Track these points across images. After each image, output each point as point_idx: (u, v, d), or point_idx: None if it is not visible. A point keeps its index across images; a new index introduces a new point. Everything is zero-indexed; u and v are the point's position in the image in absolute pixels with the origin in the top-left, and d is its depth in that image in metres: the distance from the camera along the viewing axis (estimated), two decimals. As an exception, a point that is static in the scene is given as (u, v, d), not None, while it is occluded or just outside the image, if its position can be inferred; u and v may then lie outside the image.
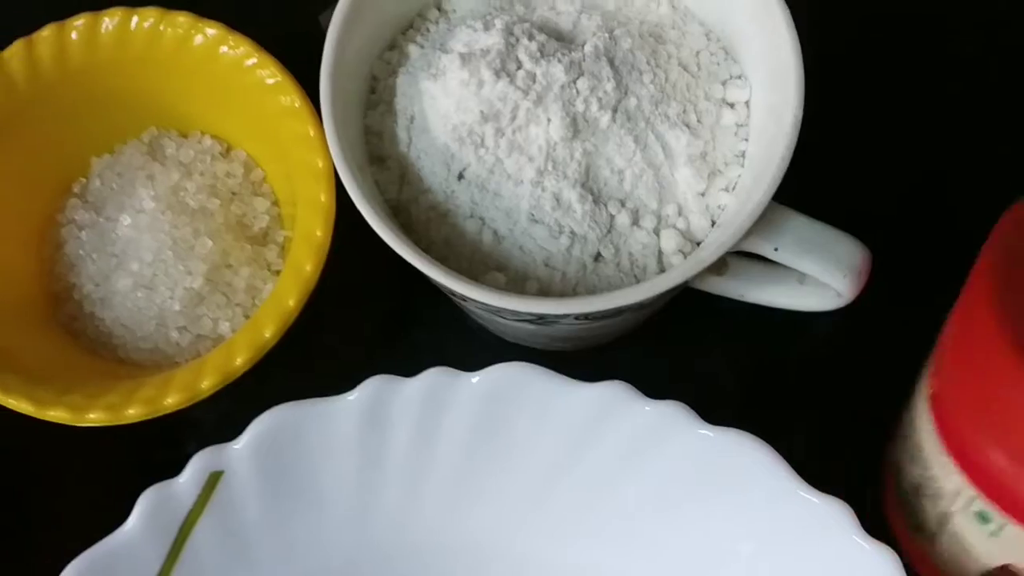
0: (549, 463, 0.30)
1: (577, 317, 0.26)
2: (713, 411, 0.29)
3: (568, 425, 0.29)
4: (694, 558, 0.30)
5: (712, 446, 0.28)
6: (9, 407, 0.31)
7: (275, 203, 0.37)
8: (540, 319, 0.26)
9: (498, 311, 0.26)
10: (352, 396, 0.29)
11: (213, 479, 0.28)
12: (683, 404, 0.28)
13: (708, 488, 0.29)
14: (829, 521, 0.28)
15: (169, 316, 0.35)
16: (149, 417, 0.31)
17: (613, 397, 0.28)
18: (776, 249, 0.27)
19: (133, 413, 0.31)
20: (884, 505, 0.31)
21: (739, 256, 0.32)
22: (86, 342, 0.35)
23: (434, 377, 0.29)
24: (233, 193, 0.37)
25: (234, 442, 0.29)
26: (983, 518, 0.25)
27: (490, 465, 0.30)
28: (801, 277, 0.30)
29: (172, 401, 0.31)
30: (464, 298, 0.26)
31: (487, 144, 0.27)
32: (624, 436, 0.29)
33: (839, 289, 0.27)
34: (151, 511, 0.28)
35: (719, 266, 0.32)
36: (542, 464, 0.30)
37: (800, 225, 0.27)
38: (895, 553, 0.27)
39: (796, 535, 0.28)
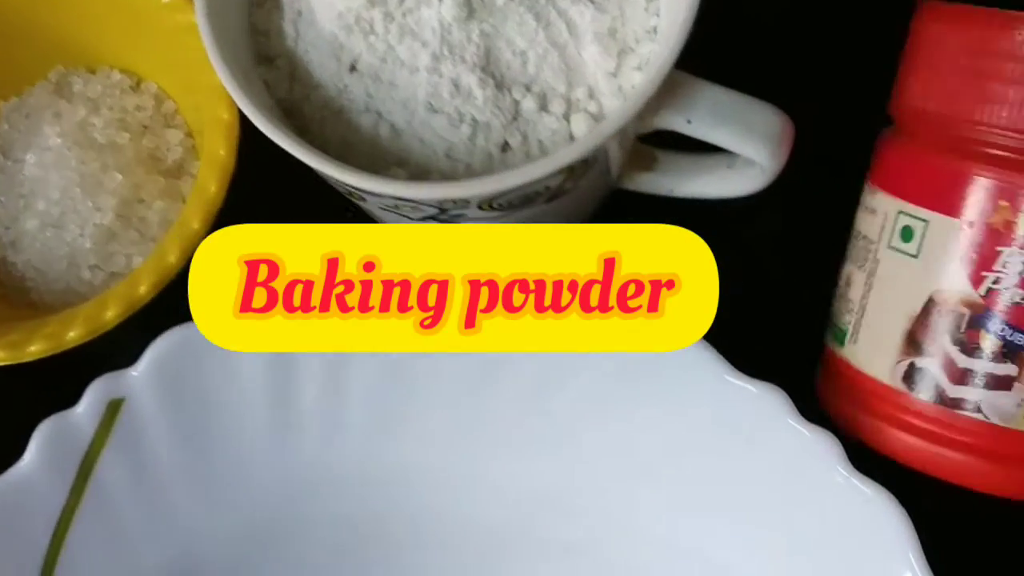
0: (468, 379, 0.28)
1: (481, 205, 0.24)
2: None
3: None
4: (630, 460, 0.29)
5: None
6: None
7: (188, 134, 0.35)
8: (443, 211, 0.25)
9: (396, 207, 0.25)
10: None
11: (113, 407, 0.27)
12: None
13: (643, 383, 0.28)
14: (766, 408, 0.27)
15: (80, 254, 0.33)
16: (52, 352, 0.29)
17: None
18: (689, 121, 0.25)
19: (35, 350, 0.29)
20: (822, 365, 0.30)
21: (668, 151, 0.30)
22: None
23: None
24: (144, 126, 0.35)
25: (132, 368, 0.27)
26: (906, 235, 0.26)
27: (412, 377, 0.29)
28: (731, 161, 0.28)
29: (75, 335, 0.29)
30: (362, 195, 0.25)
31: (376, 30, 0.25)
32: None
33: (760, 160, 0.26)
34: (48, 443, 0.27)
35: (648, 161, 0.31)
36: (464, 382, 0.28)
37: (713, 95, 0.25)
38: (834, 436, 0.26)
39: (735, 425, 0.27)
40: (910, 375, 0.26)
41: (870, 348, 0.27)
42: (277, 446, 0.29)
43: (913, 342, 0.26)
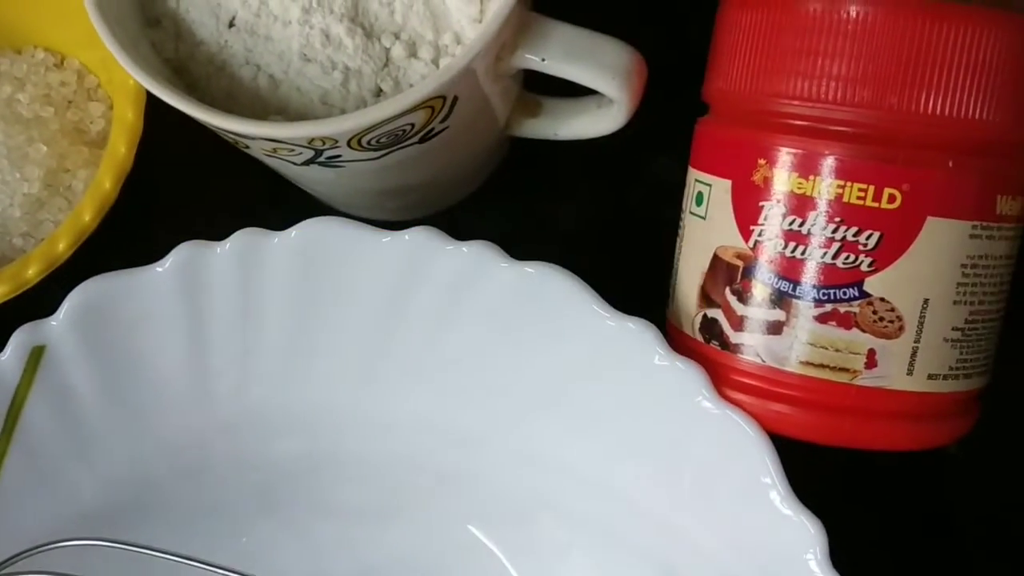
0: (374, 315, 0.30)
1: (352, 144, 0.26)
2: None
3: (384, 273, 0.29)
4: (522, 400, 0.30)
5: (520, 280, 0.29)
6: None
7: (110, 107, 0.37)
8: (318, 153, 0.27)
9: (275, 150, 0.27)
10: (163, 263, 0.29)
11: (36, 354, 0.29)
12: (490, 242, 0.29)
13: (524, 324, 0.29)
14: (635, 343, 0.28)
15: (11, 223, 0.35)
16: None
17: (423, 241, 0.29)
18: (544, 60, 0.27)
19: None
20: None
21: (551, 98, 0.32)
22: (-65, 263, 0.36)
23: (243, 237, 0.29)
24: (68, 101, 0.37)
25: (51, 317, 0.29)
26: (699, 200, 0.29)
27: (317, 322, 0.31)
28: (599, 101, 0.30)
29: (0, 292, 0.31)
30: (246, 141, 0.27)
31: (249, -14, 0.27)
32: (439, 279, 0.29)
33: (613, 94, 0.27)
34: None
35: (533, 108, 0.32)
36: (368, 317, 0.30)
37: (565, 33, 0.27)
38: (700, 366, 0.28)
39: (609, 361, 0.29)
40: (705, 325, 0.29)
41: (680, 307, 0.30)
42: (194, 382, 0.31)
43: (705, 296, 0.29)
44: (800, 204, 0.27)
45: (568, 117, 0.31)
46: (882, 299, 0.27)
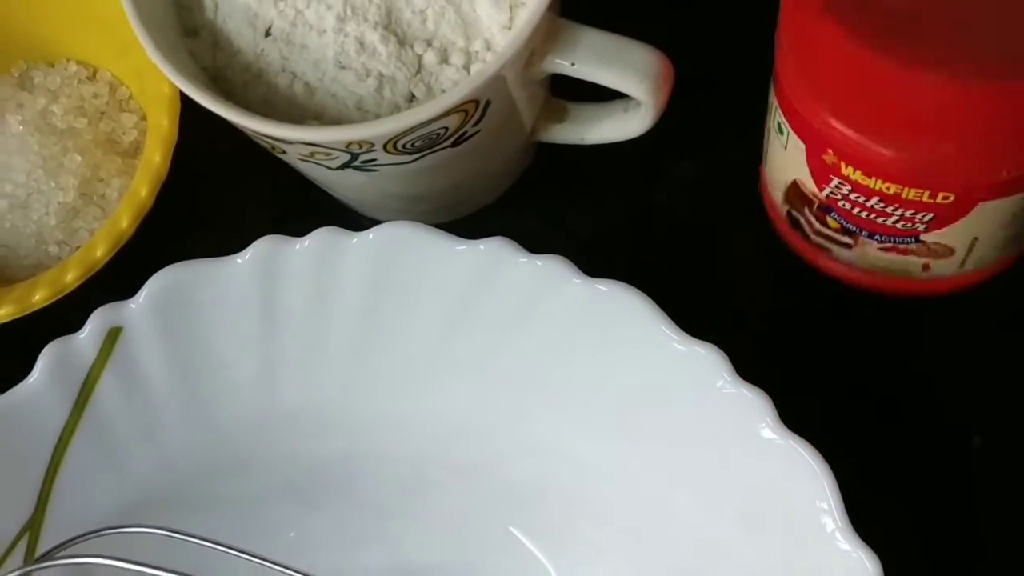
0: (442, 322, 0.30)
1: (388, 148, 0.27)
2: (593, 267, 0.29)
3: (454, 281, 0.29)
4: (585, 413, 0.30)
5: (591, 297, 0.29)
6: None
7: (143, 118, 0.38)
8: (354, 157, 0.27)
9: (312, 154, 0.27)
10: (244, 255, 0.29)
11: (113, 334, 0.29)
12: (562, 257, 0.29)
13: (590, 340, 0.29)
14: (703, 368, 0.28)
15: (47, 231, 0.36)
16: (20, 315, 0.32)
17: (496, 251, 0.29)
18: (573, 64, 0.28)
19: (4, 312, 0.32)
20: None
21: (578, 103, 0.33)
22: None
23: (323, 236, 0.29)
24: (101, 112, 0.38)
25: (131, 300, 0.30)
26: (779, 129, 0.30)
27: (386, 324, 0.31)
28: (625, 105, 0.31)
29: (40, 297, 0.32)
30: (283, 146, 0.28)
31: (285, -2, 0.28)
32: (508, 291, 0.29)
33: (641, 96, 0.28)
34: (53, 364, 0.29)
35: (560, 113, 0.33)
36: (433, 322, 0.30)
37: (593, 38, 0.28)
38: (766, 395, 0.28)
39: (674, 383, 0.29)
40: (791, 217, 0.32)
41: (772, 183, 0.33)
42: (262, 375, 0.31)
43: (789, 200, 0.32)
44: (864, 189, 0.28)
45: (595, 121, 0.32)
46: (936, 242, 0.30)
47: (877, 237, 0.30)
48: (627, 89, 0.28)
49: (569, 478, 0.31)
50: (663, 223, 0.36)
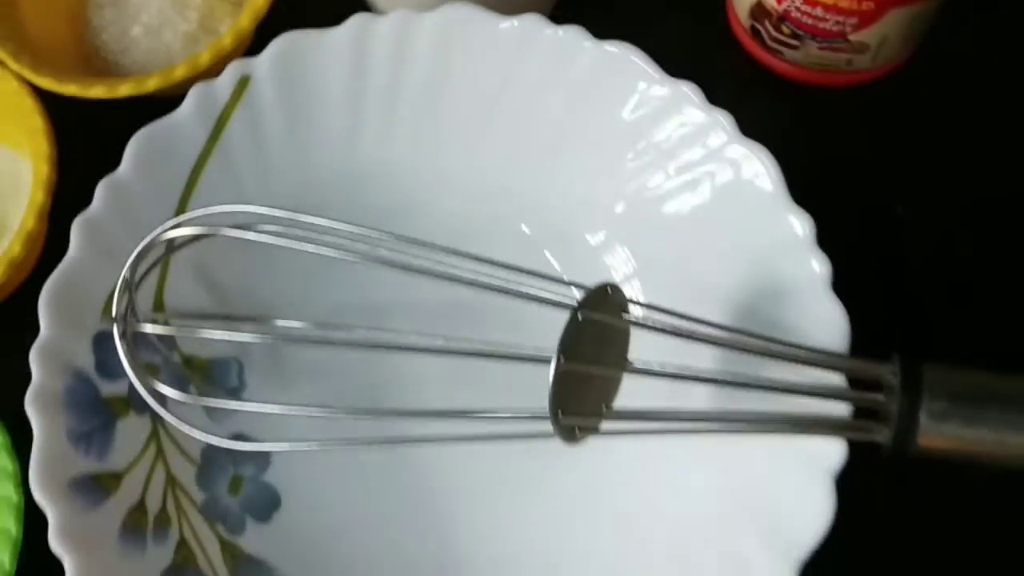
0: (488, 92, 0.40)
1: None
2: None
3: (499, 50, 0.39)
4: (597, 161, 0.40)
5: (602, 54, 0.39)
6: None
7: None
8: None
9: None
10: (341, 28, 0.39)
11: (243, 81, 0.39)
12: (581, 27, 0.39)
13: (604, 92, 0.39)
14: (681, 96, 0.38)
15: (173, 54, 0.46)
16: (137, 93, 0.41)
17: (531, 23, 0.39)
18: None
19: (124, 89, 0.41)
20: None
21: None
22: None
23: (400, 14, 0.39)
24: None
25: (257, 56, 0.39)
26: None
27: (446, 92, 0.40)
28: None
29: (153, 83, 0.41)
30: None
31: None
32: (540, 57, 0.39)
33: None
34: (198, 99, 0.39)
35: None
36: (483, 94, 0.40)
37: None
38: (730, 115, 0.38)
39: (660, 115, 0.39)
40: (753, 29, 0.44)
41: (739, 5, 0.44)
42: (348, 132, 0.40)
43: (754, 15, 0.43)
44: (808, 2, 0.40)
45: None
46: (858, 40, 0.41)
47: (818, 39, 0.42)
48: None
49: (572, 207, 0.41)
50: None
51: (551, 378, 0.31)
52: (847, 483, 0.33)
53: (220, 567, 0.37)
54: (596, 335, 0.33)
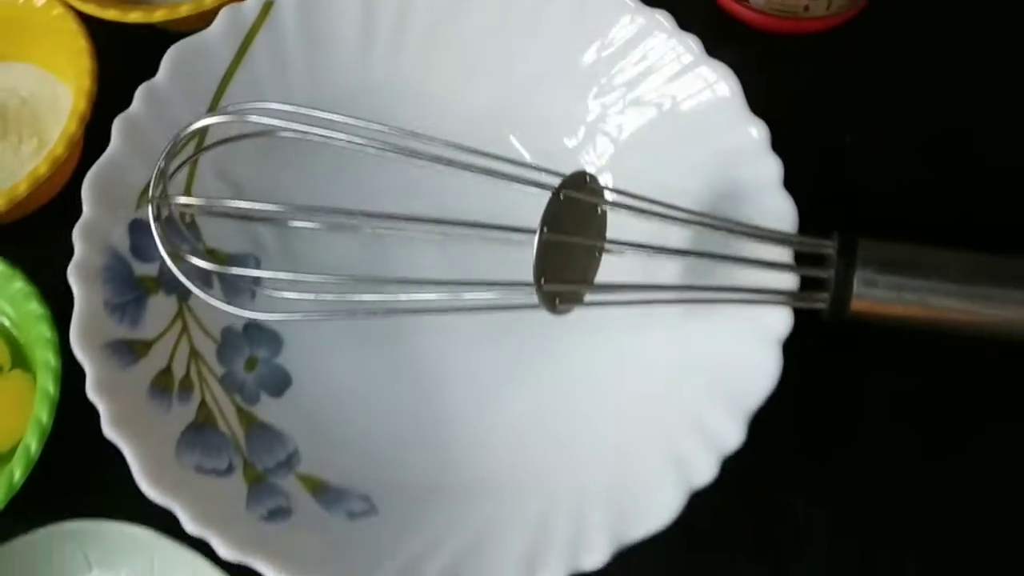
0: (485, 25, 0.45)
1: None
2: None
3: None
4: (579, 80, 0.45)
5: None
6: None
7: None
8: None
9: None
10: None
11: (268, 5, 0.44)
12: None
13: (588, 20, 0.44)
14: (655, 23, 0.43)
15: (203, -8, 0.51)
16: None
17: None
18: None
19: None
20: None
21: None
22: None
23: None
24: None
25: None
26: None
27: (446, 25, 0.46)
28: None
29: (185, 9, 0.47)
30: None
31: None
32: None
33: None
34: (228, 19, 0.44)
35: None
36: (481, 27, 0.45)
37: None
38: (697, 38, 0.43)
39: (636, 39, 0.44)
40: None
41: None
42: (356, 51, 0.45)
43: None
44: None
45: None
46: None
47: None
48: None
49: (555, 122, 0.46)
50: None
51: (535, 247, 0.36)
52: (792, 349, 0.38)
53: (237, 429, 0.41)
54: (576, 216, 0.38)
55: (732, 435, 0.37)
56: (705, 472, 0.37)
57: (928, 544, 0.41)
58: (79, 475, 0.43)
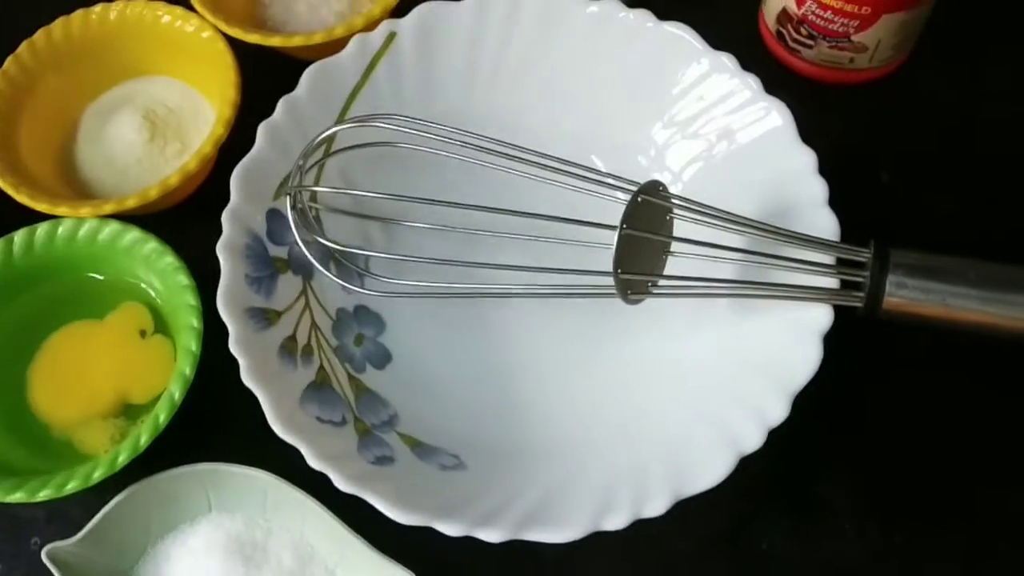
0: (573, 59, 0.53)
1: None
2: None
3: (584, 27, 0.52)
4: (654, 111, 0.53)
5: (664, 31, 0.51)
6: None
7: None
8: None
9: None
10: (467, 1, 0.52)
11: (391, 36, 0.52)
12: (647, 10, 0.52)
13: (663, 59, 0.52)
14: (720, 64, 0.51)
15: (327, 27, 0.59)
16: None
17: (609, 7, 0.52)
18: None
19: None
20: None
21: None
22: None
23: None
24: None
25: (403, 18, 0.52)
26: None
27: (539, 57, 0.53)
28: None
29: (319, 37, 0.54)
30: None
31: None
32: (614, 32, 0.52)
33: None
34: (357, 45, 0.52)
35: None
36: (570, 60, 0.53)
37: None
38: (757, 77, 0.51)
39: (705, 77, 0.51)
40: (779, 33, 0.56)
41: (768, 10, 0.57)
42: (463, 81, 0.53)
43: (779, 20, 0.56)
44: (823, 6, 0.53)
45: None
46: (859, 41, 0.53)
47: (827, 39, 0.55)
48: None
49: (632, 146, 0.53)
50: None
51: (616, 240, 0.43)
52: (832, 344, 0.45)
53: (348, 391, 0.48)
54: (649, 219, 0.45)
55: (777, 411, 0.43)
56: (754, 441, 0.43)
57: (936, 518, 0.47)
58: (212, 423, 0.50)
